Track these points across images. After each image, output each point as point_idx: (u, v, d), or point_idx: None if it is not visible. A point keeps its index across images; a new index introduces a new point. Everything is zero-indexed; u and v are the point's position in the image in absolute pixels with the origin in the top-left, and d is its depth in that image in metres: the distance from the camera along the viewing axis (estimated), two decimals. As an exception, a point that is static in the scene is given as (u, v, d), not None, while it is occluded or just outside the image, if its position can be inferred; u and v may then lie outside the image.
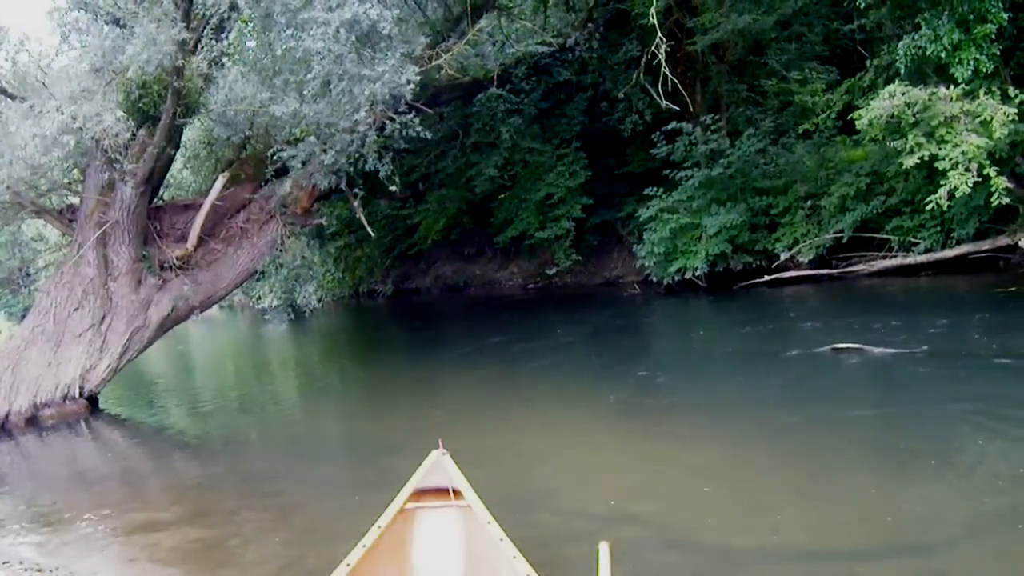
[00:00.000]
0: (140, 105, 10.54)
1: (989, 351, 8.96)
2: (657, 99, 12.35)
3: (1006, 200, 10.64)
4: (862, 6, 11.63)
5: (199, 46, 10.57)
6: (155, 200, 12.36)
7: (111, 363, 11.31)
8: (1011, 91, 10.93)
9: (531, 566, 2.91)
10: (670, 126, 16.47)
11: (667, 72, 11.44)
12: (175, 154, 12.57)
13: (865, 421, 7.34)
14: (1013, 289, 11.46)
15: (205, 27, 10.78)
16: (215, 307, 17.47)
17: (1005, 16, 10.73)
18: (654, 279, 17.67)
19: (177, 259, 11.85)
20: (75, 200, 12.11)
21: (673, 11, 16.49)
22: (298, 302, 15.65)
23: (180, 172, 15.41)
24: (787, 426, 7.37)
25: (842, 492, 5.60)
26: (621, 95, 18.25)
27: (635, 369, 10.08)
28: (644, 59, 13.99)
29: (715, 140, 16.64)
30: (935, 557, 4.58)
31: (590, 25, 18.27)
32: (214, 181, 12.30)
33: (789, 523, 5.10)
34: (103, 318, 11.33)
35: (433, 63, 12.84)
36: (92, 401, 11.37)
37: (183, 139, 12.81)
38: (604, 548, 2.89)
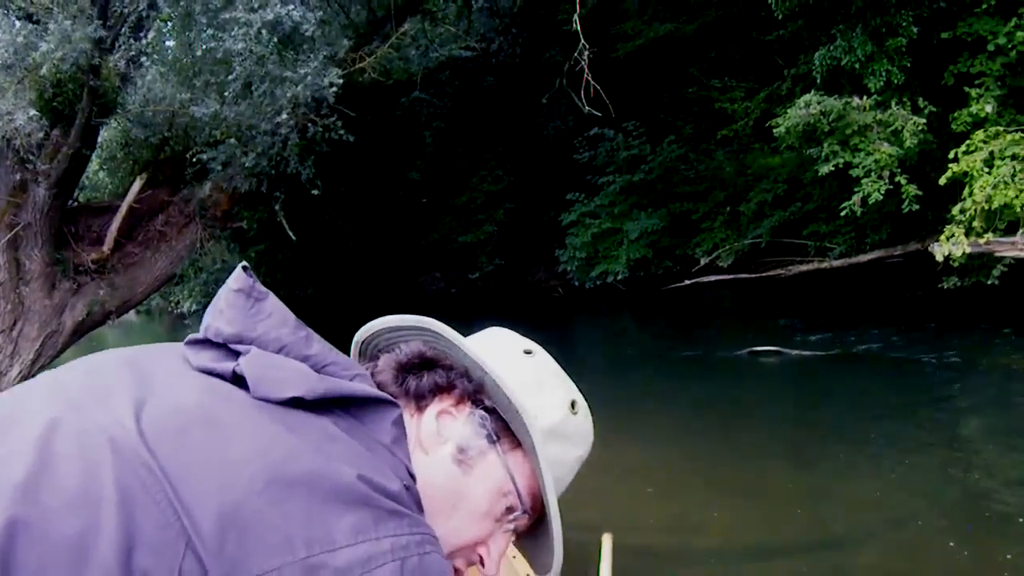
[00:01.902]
0: (54, 104, 10.25)
1: (902, 352, 9.25)
2: (580, 105, 12.45)
3: (916, 207, 10.99)
4: (780, 17, 11.93)
5: (116, 45, 10.32)
6: (70, 202, 12.02)
7: (22, 369, 10.97)
8: (921, 102, 11.30)
9: (531, 566, 2.93)
10: (592, 132, 16.62)
11: (590, 78, 11.55)
12: (91, 155, 12.24)
13: (781, 422, 7.52)
14: (920, 293, 11.86)
15: (123, 25, 10.53)
16: (132, 312, 17.07)
17: (915, 30, 11.10)
18: (576, 283, 17.82)
19: (93, 263, 11.55)
20: (-16, 201, 11.71)
21: (597, 18, 16.65)
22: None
23: (96, 174, 15.00)
24: (706, 427, 7.52)
25: (759, 490, 5.73)
26: (544, 101, 18.37)
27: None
28: (567, 65, 14.09)
29: (636, 146, 16.86)
30: (846, 552, 4.73)
31: (514, 31, 18.35)
32: (131, 183, 12.02)
33: (710, 521, 5.20)
34: (14, 323, 10.98)
35: (356, 66, 12.76)
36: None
37: (99, 140, 12.46)
38: (607, 540, 2.92)
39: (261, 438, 0.90)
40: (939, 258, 10.19)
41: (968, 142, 10.39)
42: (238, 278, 1.07)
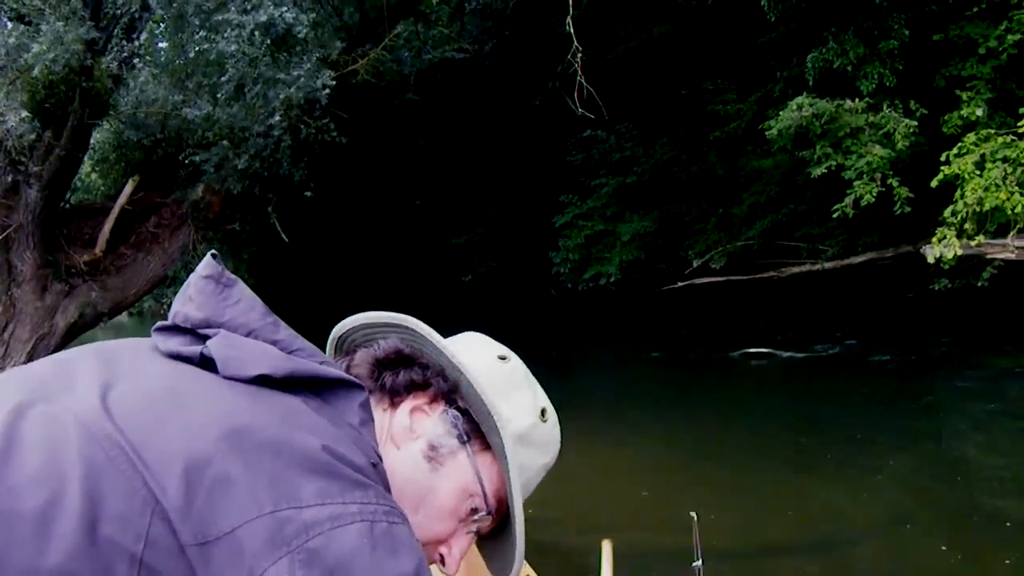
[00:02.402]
0: (46, 105, 10.23)
1: (893, 354, 9.27)
2: (573, 107, 12.46)
3: (908, 209, 11.01)
4: (772, 19, 11.95)
5: (109, 46, 10.30)
6: (62, 204, 11.98)
7: (14, 372, 10.92)
8: (912, 105, 11.34)
9: (530, 566, 2.92)
10: (585, 134, 16.64)
11: (583, 81, 11.56)
12: (83, 157, 12.21)
13: (773, 423, 7.53)
14: (911, 295, 11.89)
15: (115, 27, 10.51)
16: (124, 314, 17.03)
17: (907, 32, 11.14)
18: (569, 285, 17.83)
19: (85, 264, 11.52)
20: (-24, 203, 11.67)
21: (590, 20, 16.66)
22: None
23: (88, 175, 14.98)
24: (700, 429, 7.52)
25: (751, 492, 5.74)
26: (537, 103, 18.37)
27: (551, 374, 10.16)
28: (560, 67, 14.10)
29: (629, 148, 16.88)
30: (839, 553, 4.74)
31: (506, 33, 18.36)
32: (124, 185, 12.00)
33: (703, 523, 5.20)
34: (6, 325, 10.95)
35: (349, 68, 12.75)
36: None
37: (91, 141, 12.45)
38: (607, 546, 2.92)
39: (226, 407, 0.92)
40: (931, 260, 10.22)
41: (960, 144, 10.42)
42: (207, 265, 1.09)
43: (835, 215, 11.56)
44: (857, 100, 11.34)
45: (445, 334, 1.22)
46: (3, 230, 10.84)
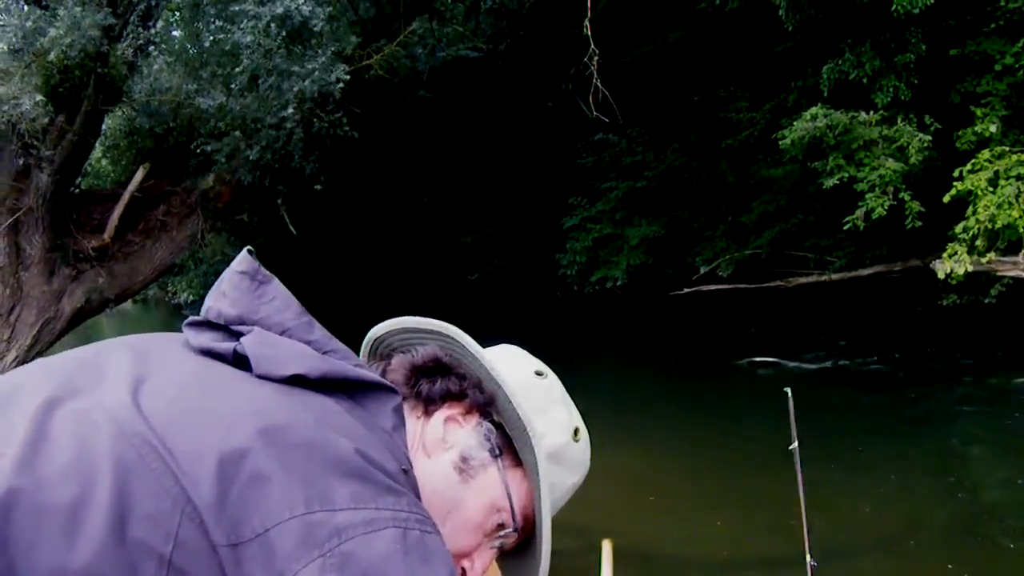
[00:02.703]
0: (60, 90, 10.24)
1: (899, 368, 9.24)
2: (586, 110, 12.45)
3: (919, 224, 10.98)
4: (789, 28, 11.92)
5: (125, 33, 10.31)
6: (72, 189, 12.00)
7: (19, 355, 10.95)
8: (927, 119, 11.31)
9: None
10: (596, 136, 16.62)
11: (598, 83, 11.54)
12: (95, 142, 12.23)
13: (778, 433, 7.51)
14: (919, 309, 11.85)
15: (132, 14, 10.52)
16: (129, 301, 17.05)
17: (924, 47, 11.11)
18: (575, 288, 17.82)
19: (93, 250, 11.53)
20: (-14, 185, 11.69)
21: (605, 23, 16.65)
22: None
23: (99, 161, 15.00)
24: (704, 436, 7.51)
25: (754, 501, 5.72)
26: (550, 104, 18.36)
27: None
28: (574, 69, 14.10)
29: (640, 152, 16.86)
30: (841, 568, 4.71)
31: (521, 33, 18.34)
32: (134, 172, 12.00)
33: (706, 531, 5.20)
34: (12, 308, 10.96)
35: (363, 62, 12.75)
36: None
37: (103, 127, 12.46)
38: (607, 546, 2.92)
39: (260, 405, 0.90)
40: (940, 275, 10.19)
41: (973, 161, 10.39)
42: (243, 260, 1.07)
43: (845, 227, 11.53)
44: (871, 113, 11.31)
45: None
46: (13, 213, 10.86)
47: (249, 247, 1.11)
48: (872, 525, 5.17)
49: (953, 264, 10.02)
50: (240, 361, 0.97)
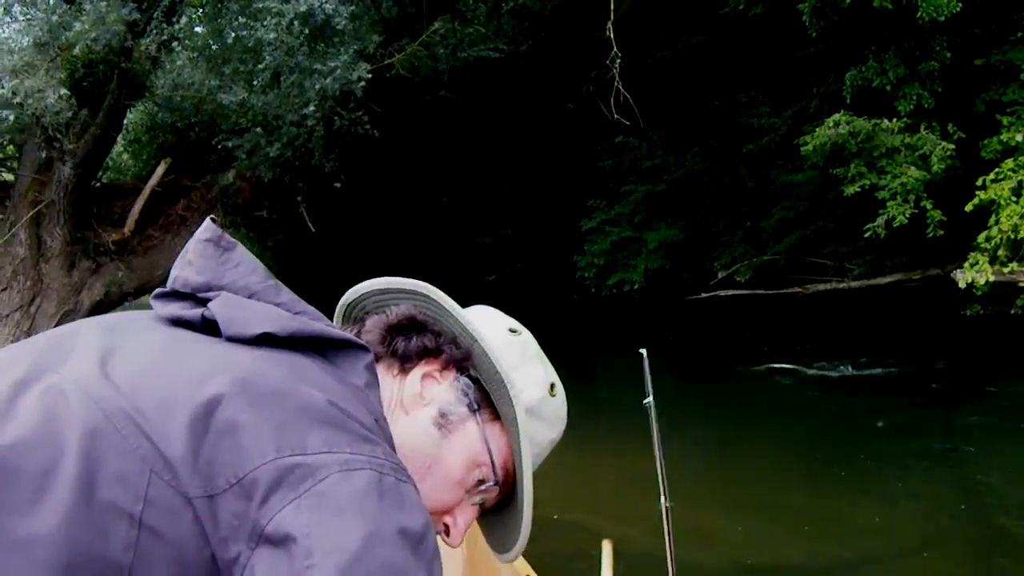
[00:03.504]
0: (84, 84, 10.31)
1: (918, 378, 9.17)
2: (607, 113, 12.43)
3: (940, 233, 10.90)
4: (813, 35, 11.86)
5: (149, 28, 10.37)
6: (93, 183, 12.08)
7: (38, 346, 11.01)
8: (950, 128, 11.22)
9: (530, 566, 2.91)
10: (616, 139, 16.60)
11: (620, 86, 11.52)
12: (117, 136, 12.31)
13: (794, 440, 7.47)
14: (939, 319, 11.77)
15: (156, 9, 10.59)
16: (147, 296, 17.14)
17: (948, 55, 11.02)
18: (593, 291, 17.79)
19: (113, 243, 11.60)
20: (9, 177, 11.78)
21: (627, 26, 16.62)
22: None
23: (120, 155, 15.12)
24: (719, 441, 7.47)
25: (769, 508, 5.69)
26: (570, 106, 18.34)
27: (569, 377, 10.13)
28: (595, 72, 14.09)
29: (660, 156, 16.82)
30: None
31: (543, 34, 18.33)
32: (155, 166, 12.08)
33: (726, 537, 5.17)
34: (32, 300, 11.04)
35: (385, 61, 12.78)
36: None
37: (125, 122, 12.55)
38: (607, 546, 2.91)
39: (229, 361, 0.90)
40: (962, 285, 10.10)
41: (997, 170, 10.30)
42: (206, 228, 1.07)
43: (866, 235, 11.46)
44: (894, 120, 11.23)
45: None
46: (35, 205, 10.94)
47: (212, 216, 1.11)
48: (888, 536, 5.13)
49: (974, 274, 9.94)
50: (209, 326, 0.97)
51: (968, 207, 10.34)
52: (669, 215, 16.85)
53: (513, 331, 1.25)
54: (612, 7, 11.38)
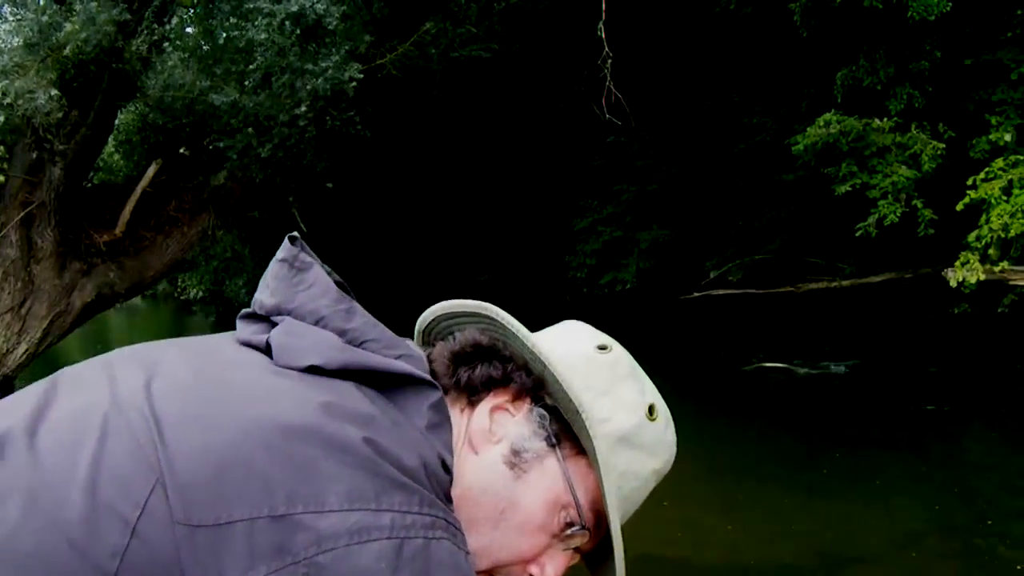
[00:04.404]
0: (75, 85, 10.27)
1: (909, 376, 9.20)
2: (598, 112, 12.43)
3: (931, 232, 10.94)
4: (804, 34, 11.89)
5: (139, 29, 10.34)
6: (84, 183, 12.04)
7: (30, 348, 10.99)
8: (940, 127, 11.26)
9: None
10: (609, 139, 16.60)
11: (612, 87, 11.53)
12: (107, 137, 12.27)
13: (787, 438, 7.49)
14: (930, 317, 11.80)
15: (146, 10, 10.56)
16: (138, 297, 17.10)
17: (938, 54, 11.06)
18: (585, 290, 17.81)
19: (104, 245, 11.57)
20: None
21: (619, 26, 16.61)
22: (226, 295, 15.43)
23: (111, 156, 15.05)
24: (713, 440, 7.48)
25: (761, 505, 5.70)
26: (562, 106, 18.34)
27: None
28: (587, 72, 14.10)
29: (652, 155, 16.83)
30: (844, 574, 4.69)
31: (535, 34, 18.32)
32: (146, 167, 12.04)
33: (711, 534, 5.18)
34: (23, 301, 11.00)
35: (376, 61, 12.76)
36: (7, 386, 11.03)
37: (116, 122, 12.50)
38: None
39: (266, 392, 0.87)
40: (952, 284, 10.14)
41: (987, 169, 10.34)
42: (283, 248, 1.04)
43: (857, 234, 11.49)
44: (885, 120, 11.26)
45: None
46: (25, 207, 10.90)
47: (293, 233, 1.06)
48: (878, 533, 5.15)
49: (965, 273, 9.97)
50: (272, 351, 0.94)
51: (959, 206, 10.38)
52: (661, 215, 16.88)
53: (603, 348, 1.11)
54: (603, 7, 11.38)
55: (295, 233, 1.07)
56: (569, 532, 1.02)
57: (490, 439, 1.02)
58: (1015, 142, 10.74)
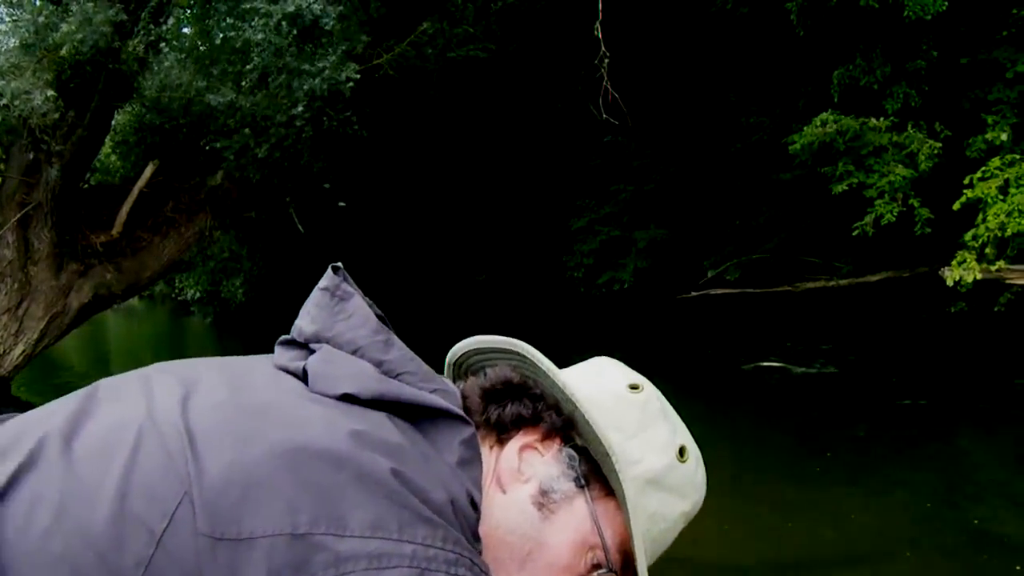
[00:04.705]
0: (71, 85, 10.26)
1: (906, 374, 9.21)
2: (595, 112, 12.44)
3: (928, 231, 10.95)
4: (801, 33, 11.90)
5: (136, 29, 10.33)
6: (81, 184, 12.03)
7: (26, 349, 10.98)
8: (937, 126, 11.27)
9: None
10: (606, 139, 16.61)
11: (609, 86, 11.54)
12: (104, 138, 12.26)
13: (782, 438, 7.49)
14: (926, 316, 11.82)
15: (143, 10, 10.55)
16: (135, 297, 17.08)
17: (935, 53, 11.07)
18: (582, 290, 17.81)
19: (101, 245, 11.56)
20: (-4, 179, 11.72)
21: (616, 26, 16.60)
22: (223, 295, 15.42)
23: (108, 157, 15.03)
24: (708, 440, 7.49)
25: (757, 505, 5.70)
26: (559, 105, 18.34)
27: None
28: (584, 72, 14.10)
29: (649, 155, 16.84)
30: (841, 574, 4.69)
31: (532, 34, 18.32)
32: (143, 168, 12.03)
33: (712, 532, 5.18)
34: (20, 302, 10.99)
35: (373, 62, 12.76)
36: (4, 387, 11.02)
37: (113, 123, 12.50)
38: None
39: (299, 417, 0.88)
40: (949, 283, 10.15)
41: (984, 168, 10.35)
42: (326, 276, 1.05)
43: (854, 233, 11.50)
44: (882, 119, 11.27)
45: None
46: (22, 208, 10.89)
47: (336, 263, 1.07)
48: (875, 532, 5.15)
49: (962, 272, 9.98)
50: (307, 378, 0.96)
51: (955, 205, 10.39)
52: (658, 214, 16.88)
53: (634, 388, 1.09)
54: (600, 7, 11.38)
55: (338, 263, 1.08)
56: (596, 574, 1.02)
57: (519, 478, 1.01)
58: (1011, 141, 10.75)
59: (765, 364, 9.85)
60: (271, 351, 1.04)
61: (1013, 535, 5.10)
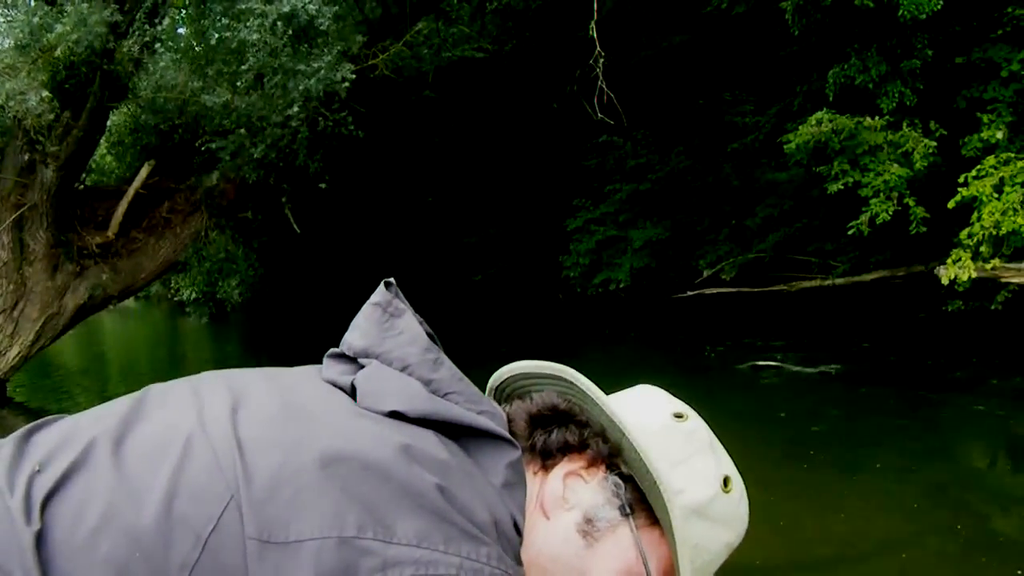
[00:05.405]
0: (66, 86, 10.25)
1: (902, 374, 9.22)
2: (591, 112, 12.45)
3: (923, 229, 10.96)
4: (796, 33, 11.91)
5: (131, 30, 10.32)
6: (76, 185, 12.01)
7: (22, 350, 10.97)
8: (932, 125, 11.28)
9: None
10: (601, 138, 16.62)
11: (604, 86, 11.55)
12: (100, 139, 12.25)
13: (778, 437, 7.50)
14: (922, 315, 11.84)
15: (138, 11, 10.54)
16: (131, 298, 17.07)
17: (930, 52, 11.09)
18: (578, 290, 17.82)
19: (97, 246, 11.55)
20: (-9, 180, 11.70)
21: (611, 26, 16.62)
22: (219, 296, 15.41)
23: (103, 158, 15.02)
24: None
25: (755, 504, 5.71)
26: (555, 106, 18.35)
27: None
28: (579, 71, 14.11)
29: (645, 155, 16.85)
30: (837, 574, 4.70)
31: (527, 34, 18.33)
32: (139, 168, 12.02)
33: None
34: (16, 303, 10.98)
35: (369, 62, 12.75)
36: (0, 388, 11.02)
37: (108, 124, 12.48)
38: None
39: (347, 428, 0.88)
40: (944, 281, 10.16)
41: (979, 167, 10.36)
42: (379, 292, 1.06)
43: (849, 232, 11.51)
44: (877, 118, 11.28)
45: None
46: (17, 208, 10.87)
47: (389, 279, 1.08)
48: (872, 533, 5.16)
49: (957, 270, 9.99)
50: (356, 393, 0.96)
51: (950, 204, 10.40)
52: (654, 214, 16.89)
53: (679, 416, 1.09)
54: (595, 7, 11.39)
55: (391, 279, 1.08)
56: None
57: (563, 505, 1.00)
58: (1006, 140, 10.77)
59: (760, 363, 9.85)
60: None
61: (1013, 535, 5.11)
